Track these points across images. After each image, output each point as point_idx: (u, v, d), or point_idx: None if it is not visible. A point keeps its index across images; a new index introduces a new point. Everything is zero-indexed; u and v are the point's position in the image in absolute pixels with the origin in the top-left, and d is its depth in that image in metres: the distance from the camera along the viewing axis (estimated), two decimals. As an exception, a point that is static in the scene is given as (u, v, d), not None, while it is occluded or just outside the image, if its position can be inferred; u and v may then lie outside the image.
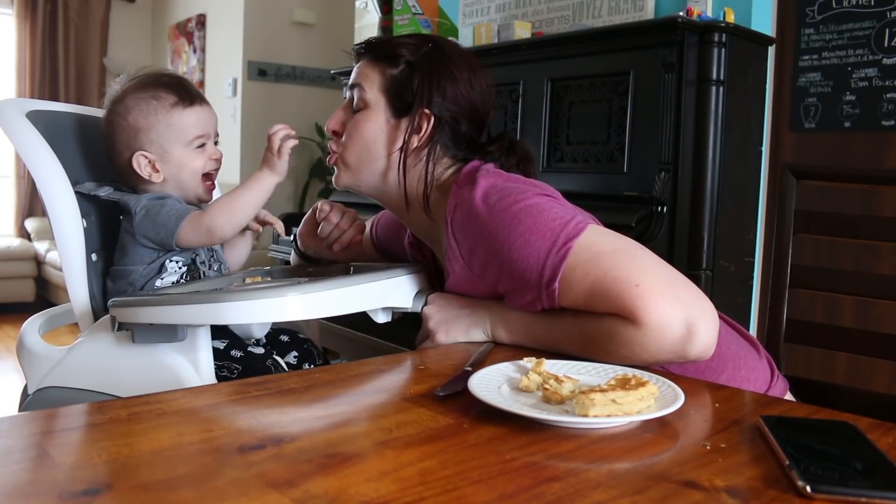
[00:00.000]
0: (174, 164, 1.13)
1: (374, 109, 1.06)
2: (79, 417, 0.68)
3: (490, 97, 1.10)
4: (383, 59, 1.06)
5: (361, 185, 1.10)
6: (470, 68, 1.07)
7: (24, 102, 1.13)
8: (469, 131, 1.08)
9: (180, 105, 1.13)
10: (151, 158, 1.12)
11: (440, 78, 1.04)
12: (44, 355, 1.07)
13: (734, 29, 1.82)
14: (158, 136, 1.12)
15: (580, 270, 0.86)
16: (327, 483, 0.51)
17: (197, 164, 1.15)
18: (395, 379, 0.84)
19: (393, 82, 1.05)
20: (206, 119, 1.16)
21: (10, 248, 4.99)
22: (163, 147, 1.12)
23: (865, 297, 1.16)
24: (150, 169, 1.12)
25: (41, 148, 1.07)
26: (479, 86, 1.07)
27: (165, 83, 1.14)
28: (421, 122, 1.04)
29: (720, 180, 1.80)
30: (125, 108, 1.12)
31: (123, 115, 1.12)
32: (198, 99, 1.15)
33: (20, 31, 5.43)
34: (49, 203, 1.07)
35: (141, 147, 1.12)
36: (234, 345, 1.08)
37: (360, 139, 1.06)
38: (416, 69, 1.04)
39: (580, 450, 0.60)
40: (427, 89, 1.03)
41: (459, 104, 1.05)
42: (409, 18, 2.64)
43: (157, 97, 1.12)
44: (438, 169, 1.07)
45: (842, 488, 0.51)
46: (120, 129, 1.13)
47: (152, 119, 1.11)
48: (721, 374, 0.97)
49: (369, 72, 1.07)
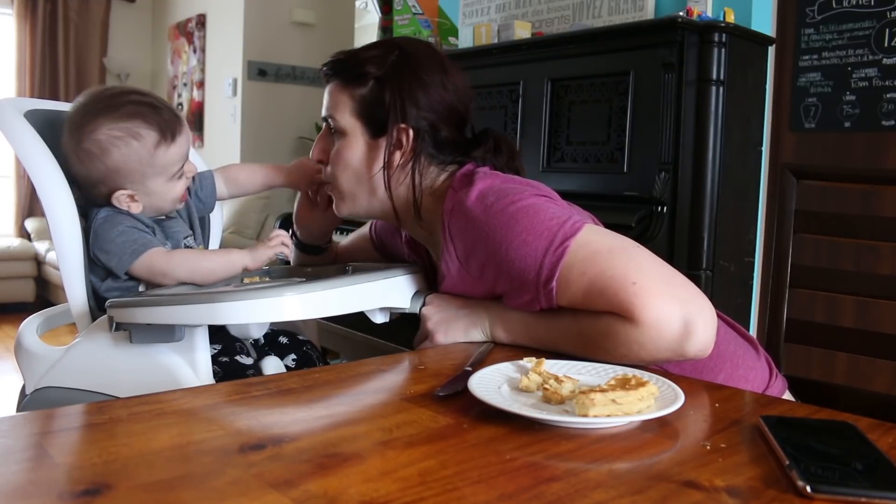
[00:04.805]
0: (155, 195, 1.09)
1: (351, 135, 1.05)
2: (78, 417, 0.67)
3: (466, 93, 1.09)
4: (350, 81, 1.04)
5: (360, 211, 1.10)
6: (441, 69, 1.05)
7: (21, 102, 1.12)
8: (451, 134, 1.06)
9: (163, 144, 1.06)
10: (131, 194, 1.07)
11: (411, 88, 1.02)
12: (41, 355, 1.07)
13: (734, 29, 1.82)
14: (140, 177, 1.06)
15: (577, 269, 0.86)
16: (327, 483, 0.51)
17: (177, 191, 1.11)
18: (395, 379, 0.84)
19: (364, 104, 1.03)
20: (185, 148, 1.10)
21: (10, 248, 5.00)
22: (144, 184, 1.07)
23: (865, 297, 1.16)
24: (130, 201, 1.07)
25: (38, 148, 1.06)
26: (452, 85, 1.06)
27: (141, 114, 1.05)
28: (400, 138, 1.03)
29: (720, 180, 1.80)
30: (100, 147, 1.03)
31: (100, 157, 1.04)
32: (178, 128, 1.08)
33: (20, 31, 5.43)
34: (46, 203, 1.06)
35: (120, 186, 1.06)
36: (224, 352, 1.07)
37: (345, 167, 1.06)
38: (386, 84, 1.02)
39: (580, 450, 0.60)
40: (400, 103, 1.02)
41: (436, 110, 1.04)
42: (409, 18, 2.64)
43: (137, 136, 1.04)
44: (429, 178, 1.06)
45: (842, 488, 0.51)
46: (94, 168, 1.05)
47: (133, 163, 1.04)
48: (719, 374, 0.97)
49: (339, 98, 1.05)
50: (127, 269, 1.05)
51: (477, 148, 1.08)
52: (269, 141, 4.87)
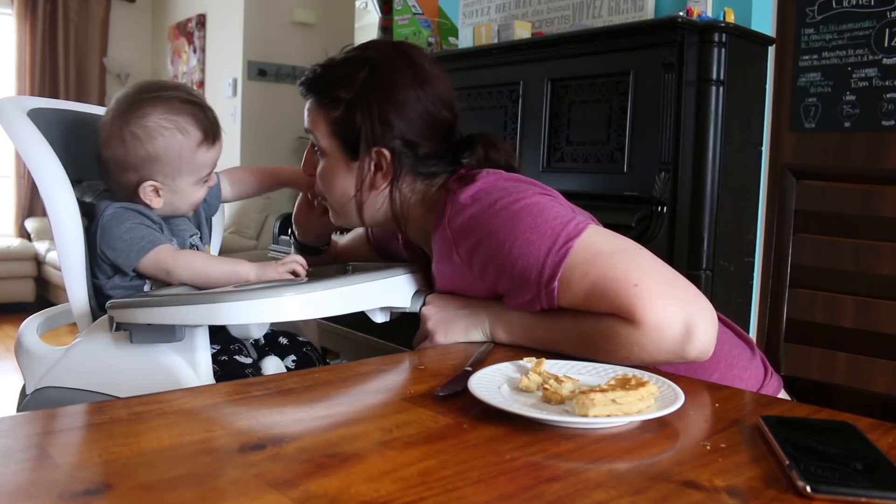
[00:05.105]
0: (179, 195, 1.11)
1: (331, 156, 1.05)
2: (79, 417, 0.68)
3: (448, 96, 1.06)
4: (323, 102, 1.04)
5: (354, 224, 1.11)
6: (416, 80, 1.02)
7: (24, 100, 1.12)
8: (433, 146, 1.04)
9: (205, 145, 1.09)
10: (158, 187, 1.09)
11: (382, 110, 1.00)
12: (42, 355, 1.07)
13: (734, 29, 1.82)
14: (174, 171, 1.08)
15: (579, 270, 0.86)
16: (327, 483, 0.51)
17: (199, 196, 1.13)
18: (395, 379, 0.84)
19: (338, 126, 1.03)
20: (219, 153, 1.13)
21: (10, 248, 5.00)
22: (175, 180, 1.09)
23: (865, 297, 1.16)
24: (154, 195, 1.09)
25: (41, 146, 1.06)
26: (430, 94, 1.02)
27: (192, 113, 1.08)
28: (379, 161, 1.02)
29: (720, 180, 1.80)
30: (147, 132, 1.06)
31: (144, 142, 1.06)
32: (219, 133, 1.12)
33: (20, 31, 5.43)
34: (48, 202, 1.06)
35: (151, 176, 1.08)
36: (223, 351, 1.07)
37: (330, 186, 1.07)
38: (356, 107, 1.00)
39: (580, 450, 0.60)
40: (371, 128, 1.00)
41: (412, 126, 1.01)
42: (409, 18, 2.64)
43: (183, 131, 1.07)
44: (417, 192, 1.06)
45: (842, 488, 0.51)
46: (134, 152, 1.06)
47: (174, 154, 1.07)
48: (713, 373, 0.97)
49: (316, 117, 1.05)
50: (135, 265, 1.05)
51: (465, 154, 1.07)
52: (269, 141, 4.87)
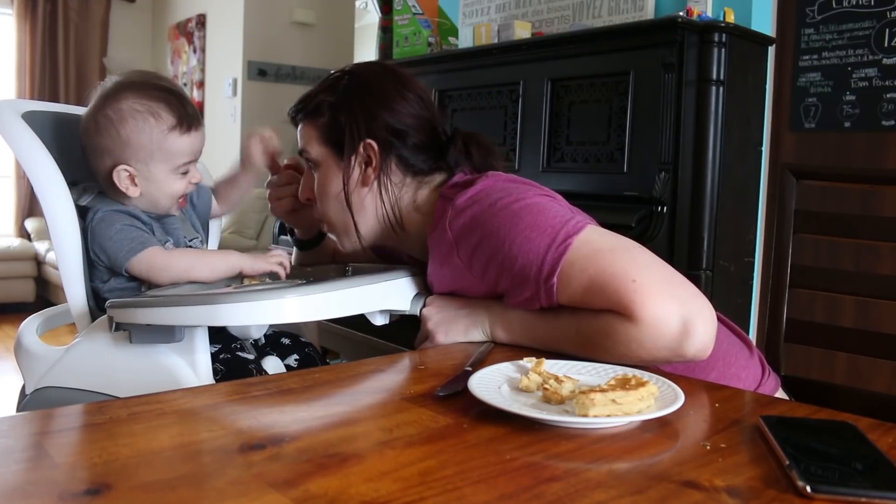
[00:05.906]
0: (154, 183, 1.10)
1: (324, 163, 1.07)
2: (79, 417, 0.67)
3: (427, 96, 1.09)
4: (311, 115, 1.07)
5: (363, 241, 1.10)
6: (395, 81, 1.07)
7: (19, 103, 1.12)
8: (418, 138, 1.06)
9: (177, 130, 1.08)
10: (132, 174, 1.08)
11: (364, 104, 1.04)
12: (41, 355, 1.07)
13: (734, 29, 1.82)
14: (146, 156, 1.08)
15: (578, 266, 0.87)
16: (327, 483, 0.51)
17: (177, 188, 1.12)
18: (395, 379, 0.84)
19: (327, 130, 1.06)
20: (198, 145, 1.13)
21: (10, 248, 5.00)
22: (148, 166, 1.09)
23: (865, 297, 1.16)
24: (129, 182, 1.09)
25: (37, 149, 1.06)
26: (411, 91, 1.07)
27: (166, 100, 1.09)
28: (368, 154, 1.04)
29: (720, 180, 1.80)
30: (119, 115, 1.07)
31: (115, 124, 1.07)
32: (195, 123, 1.11)
33: (20, 31, 5.43)
34: (45, 204, 1.06)
35: (125, 161, 1.08)
36: (224, 350, 1.07)
37: (327, 197, 1.08)
38: (341, 108, 1.04)
39: (580, 450, 0.60)
40: (355, 121, 1.04)
41: (396, 115, 1.05)
42: (409, 18, 2.64)
43: (155, 115, 1.07)
44: (409, 191, 1.07)
45: (842, 488, 0.51)
46: (107, 135, 1.07)
47: (145, 138, 1.07)
48: (710, 372, 0.97)
49: (307, 132, 1.08)
50: (125, 266, 1.05)
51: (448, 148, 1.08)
52: (269, 141, 4.86)
